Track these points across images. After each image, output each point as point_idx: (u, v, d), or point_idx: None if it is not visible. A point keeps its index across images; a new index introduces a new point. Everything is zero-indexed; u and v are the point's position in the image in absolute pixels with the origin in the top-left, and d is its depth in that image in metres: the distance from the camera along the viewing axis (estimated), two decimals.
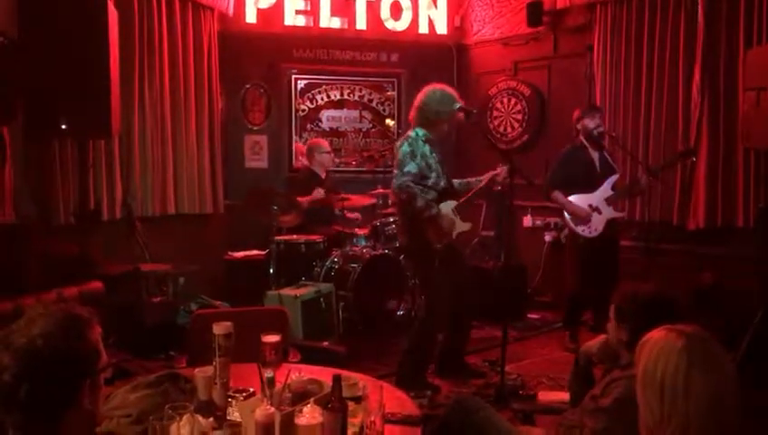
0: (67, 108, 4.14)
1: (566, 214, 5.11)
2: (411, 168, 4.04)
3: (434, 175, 4.13)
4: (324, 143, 6.11)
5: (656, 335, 1.59)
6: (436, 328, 4.26)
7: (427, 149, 4.13)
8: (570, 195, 5.06)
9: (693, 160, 5.30)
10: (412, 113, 4.26)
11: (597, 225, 5.02)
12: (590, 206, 5.01)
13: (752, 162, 5.05)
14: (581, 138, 5.13)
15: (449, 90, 4.23)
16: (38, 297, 3.70)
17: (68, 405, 1.45)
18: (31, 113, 4.18)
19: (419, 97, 4.23)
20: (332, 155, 6.18)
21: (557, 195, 5.09)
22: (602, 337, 2.41)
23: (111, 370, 1.64)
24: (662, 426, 1.51)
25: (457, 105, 4.17)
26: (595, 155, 5.12)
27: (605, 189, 5.04)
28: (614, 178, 5.08)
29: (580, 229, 5.03)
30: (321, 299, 5.02)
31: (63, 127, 4.18)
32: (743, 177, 5.12)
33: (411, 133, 4.18)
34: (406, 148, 4.09)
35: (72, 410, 1.45)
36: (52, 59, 4.10)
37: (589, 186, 5.04)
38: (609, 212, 5.03)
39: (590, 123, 5.05)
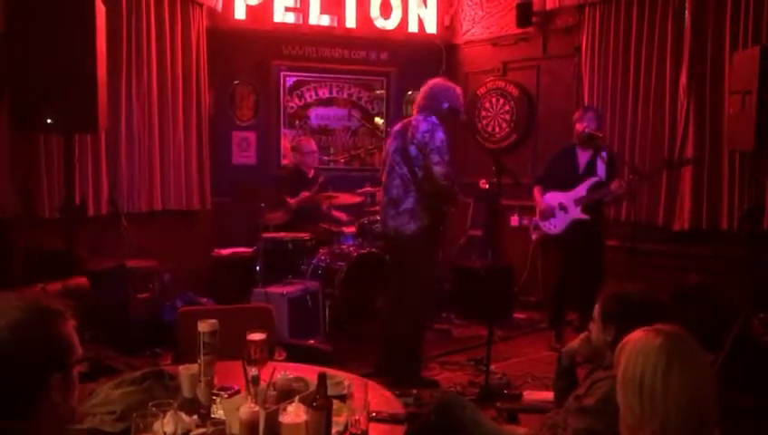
0: (53, 102, 4.09)
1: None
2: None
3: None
4: (308, 142, 6.08)
5: (634, 337, 1.61)
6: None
7: None
8: (549, 191, 5.24)
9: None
10: (423, 102, 4.28)
11: (559, 222, 5.17)
12: (560, 204, 5.14)
13: (736, 165, 5.09)
14: (575, 139, 5.22)
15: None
16: (21, 292, 3.66)
17: (37, 400, 1.38)
18: (16, 107, 4.13)
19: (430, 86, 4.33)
20: (317, 154, 6.17)
21: (534, 189, 5.34)
22: (583, 335, 2.42)
23: (87, 364, 1.59)
24: (642, 425, 1.52)
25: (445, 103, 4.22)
26: (583, 156, 5.18)
27: (578, 190, 5.12)
28: (592, 181, 5.12)
29: (542, 223, 5.26)
30: (308, 297, 5.02)
31: (49, 121, 4.13)
32: (728, 179, 5.16)
33: (433, 119, 4.16)
34: (441, 134, 4.08)
35: (42, 406, 1.39)
36: (38, 53, 4.05)
37: (567, 185, 5.15)
38: (575, 213, 5.11)
39: (579, 125, 5.14)
